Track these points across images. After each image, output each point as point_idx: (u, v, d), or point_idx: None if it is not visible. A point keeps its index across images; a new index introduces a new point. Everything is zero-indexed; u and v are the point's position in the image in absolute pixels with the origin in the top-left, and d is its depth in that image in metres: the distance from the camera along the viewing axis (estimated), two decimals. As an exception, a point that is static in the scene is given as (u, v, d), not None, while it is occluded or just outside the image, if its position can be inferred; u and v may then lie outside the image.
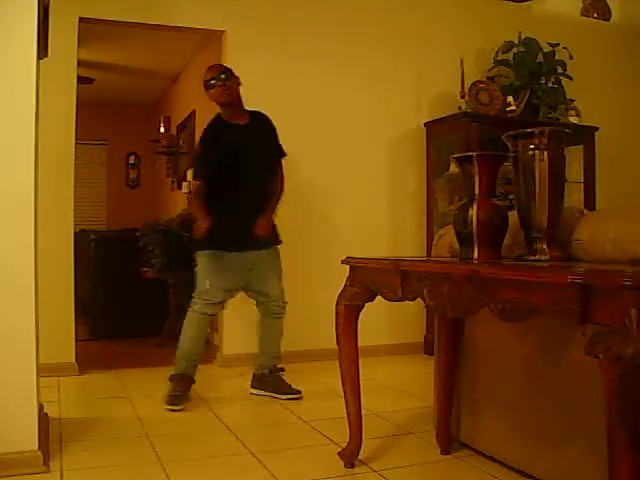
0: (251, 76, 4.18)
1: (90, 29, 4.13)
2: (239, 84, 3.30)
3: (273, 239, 3.33)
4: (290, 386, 3.32)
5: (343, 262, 2.30)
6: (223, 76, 3.23)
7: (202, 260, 3.23)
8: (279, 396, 3.29)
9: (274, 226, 3.33)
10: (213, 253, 3.19)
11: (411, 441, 2.61)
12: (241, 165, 3.22)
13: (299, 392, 3.31)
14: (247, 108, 3.35)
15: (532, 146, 1.87)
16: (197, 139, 3.36)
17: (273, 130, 3.39)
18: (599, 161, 4.77)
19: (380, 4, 4.54)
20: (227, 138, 3.26)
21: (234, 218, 3.18)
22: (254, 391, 3.40)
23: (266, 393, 3.34)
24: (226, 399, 3.39)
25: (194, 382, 3.26)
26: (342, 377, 2.32)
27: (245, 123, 3.33)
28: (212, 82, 3.23)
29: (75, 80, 3.91)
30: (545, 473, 2.04)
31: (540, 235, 1.88)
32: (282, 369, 3.39)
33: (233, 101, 3.27)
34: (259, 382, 3.39)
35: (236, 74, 3.31)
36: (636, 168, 5.11)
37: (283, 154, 3.39)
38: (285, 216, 3.53)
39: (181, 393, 3.15)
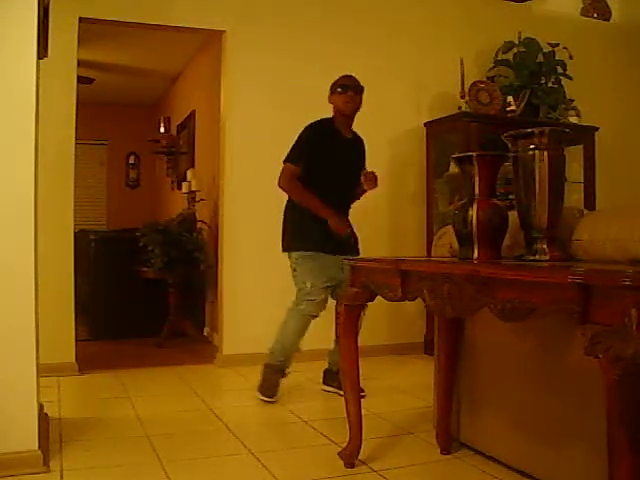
0: (251, 76, 4.21)
1: (90, 29, 4.13)
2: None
3: (355, 245, 3.43)
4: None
5: (343, 262, 2.30)
6: (361, 88, 3.36)
7: (300, 261, 3.26)
8: (342, 393, 3.26)
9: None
10: (307, 254, 3.25)
11: (411, 441, 2.61)
12: (336, 175, 3.30)
13: (362, 390, 3.26)
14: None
15: (532, 146, 1.87)
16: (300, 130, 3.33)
17: (364, 156, 3.53)
18: (599, 161, 4.77)
19: (380, 4, 4.54)
20: (334, 145, 3.33)
21: (325, 223, 3.22)
22: (324, 387, 3.45)
23: (333, 390, 3.37)
24: (226, 399, 3.39)
25: (285, 375, 3.28)
26: (342, 377, 2.32)
27: (349, 138, 3.43)
28: (347, 88, 3.30)
29: (75, 80, 3.91)
30: (545, 473, 2.04)
31: (540, 235, 1.88)
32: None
33: (352, 115, 3.39)
34: (328, 378, 3.44)
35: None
36: (636, 168, 5.11)
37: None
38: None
39: (277, 385, 3.21)
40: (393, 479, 2.19)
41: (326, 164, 3.26)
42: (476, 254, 1.95)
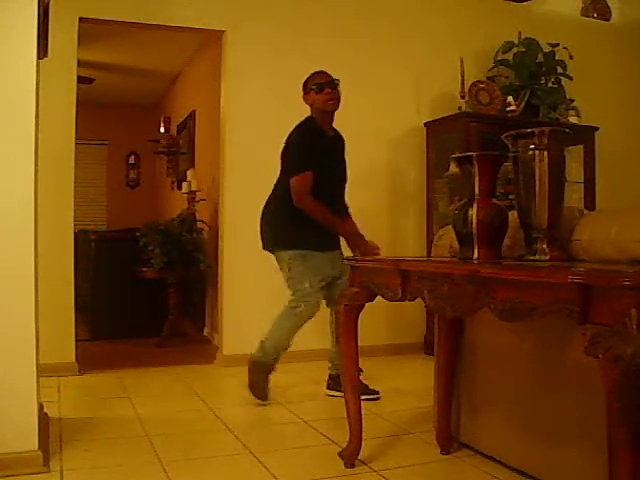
0: (251, 76, 4.21)
1: (90, 29, 4.13)
2: None
3: (339, 241, 3.39)
4: (367, 386, 3.23)
5: (344, 262, 2.30)
6: (337, 82, 3.26)
7: (295, 261, 3.20)
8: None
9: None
10: (300, 253, 3.20)
11: (411, 441, 2.61)
12: (331, 176, 3.27)
13: (377, 392, 3.24)
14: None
15: (532, 146, 1.87)
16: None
17: (344, 154, 3.46)
18: (599, 161, 4.77)
19: (380, 5, 4.54)
20: (324, 146, 3.28)
21: (315, 221, 3.18)
22: (331, 392, 3.33)
23: (339, 394, 3.21)
24: (226, 399, 3.39)
25: (272, 372, 3.22)
26: (342, 377, 2.32)
27: (332, 135, 3.39)
28: (323, 86, 3.23)
29: (75, 80, 3.91)
30: (545, 473, 2.04)
31: (540, 235, 1.88)
32: (361, 369, 3.36)
33: (334, 111, 3.31)
34: (335, 382, 3.30)
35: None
36: (636, 168, 5.11)
37: (346, 180, 3.45)
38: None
39: (267, 386, 3.17)
40: (393, 479, 2.19)
41: (323, 167, 3.20)
42: (476, 254, 1.95)
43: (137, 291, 5.03)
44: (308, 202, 3.13)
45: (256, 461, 2.36)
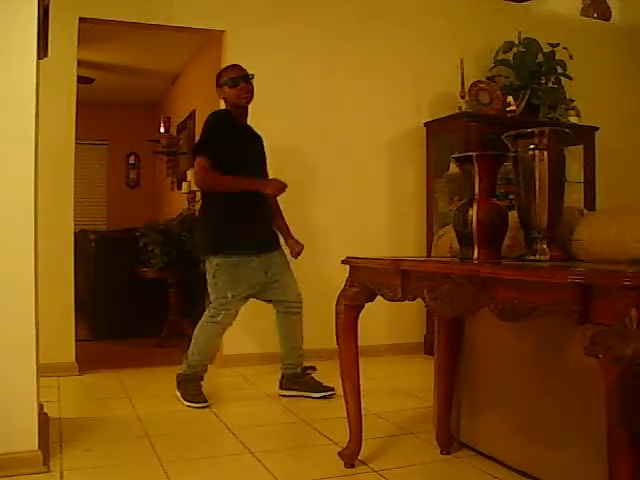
0: (251, 76, 4.21)
1: (90, 29, 4.13)
2: None
3: (278, 240, 3.38)
4: (322, 384, 3.26)
5: (343, 262, 2.30)
6: (251, 76, 3.23)
7: (220, 269, 3.12)
8: (312, 395, 3.24)
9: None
10: (231, 260, 3.11)
11: (411, 441, 2.61)
12: (249, 165, 3.20)
13: (332, 389, 3.24)
14: None
15: (532, 146, 1.87)
16: (198, 131, 3.24)
17: (264, 151, 3.41)
18: (599, 161, 4.77)
19: (380, 5, 4.54)
20: (240, 136, 3.23)
21: (251, 220, 3.13)
22: (284, 392, 3.33)
23: (298, 393, 3.28)
24: (226, 399, 3.39)
25: (203, 379, 3.25)
26: (342, 377, 2.32)
27: (249, 128, 3.34)
28: (238, 80, 3.18)
29: (75, 80, 3.91)
30: (545, 473, 2.04)
31: (540, 235, 1.88)
32: (314, 367, 3.37)
33: (247, 104, 3.27)
34: (290, 382, 3.32)
35: (223, 70, 3.33)
36: (636, 168, 5.11)
37: (267, 176, 3.39)
38: (284, 216, 3.53)
39: (200, 392, 3.17)
40: (393, 479, 2.19)
41: (236, 156, 3.13)
42: (476, 254, 1.95)
43: (137, 291, 5.03)
44: (209, 177, 3.05)
45: (256, 461, 2.36)
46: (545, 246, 1.87)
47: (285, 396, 3.32)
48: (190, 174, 5.72)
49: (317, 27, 4.37)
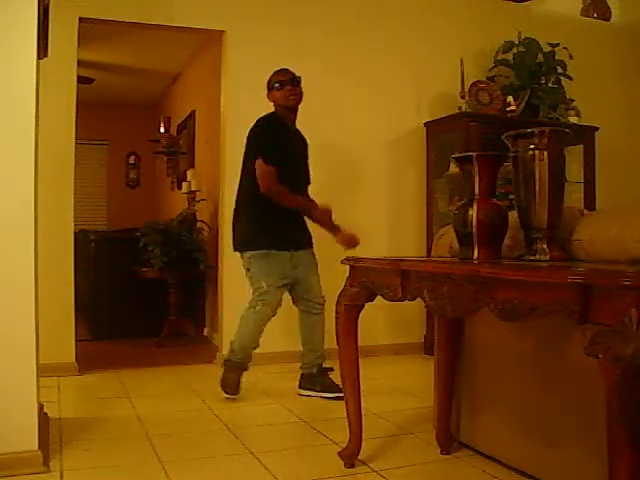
0: (251, 76, 4.20)
1: (90, 29, 4.13)
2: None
3: (310, 240, 3.45)
4: (338, 385, 3.23)
5: (343, 262, 2.30)
6: (298, 80, 3.34)
7: (252, 261, 3.26)
8: (326, 395, 3.28)
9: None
10: (264, 253, 3.24)
11: (411, 441, 2.61)
12: (294, 168, 3.32)
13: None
14: None
15: (532, 146, 1.87)
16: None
17: (308, 155, 3.52)
18: (599, 161, 4.77)
19: (380, 5, 4.54)
20: (289, 139, 3.33)
21: (284, 218, 3.26)
22: (303, 392, 3.38)
23: (314, 393, 3.33)
24: (226, 399, 3.38)
25: (246, 369, 3.32)
26: (342, 377, 2.32)
27: (297, 131, 3.44)
28: (285, 83, 3.30)
29: (75, 80, 3.91)
30: (545, 473, 2.04)
31: (540, 235, 1.88)
32: (331, 368, 3.38)
33: (296, 107, 3.37)
34: (307, 382, 3.38)
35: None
36: (636, 168, 5.11)
37: (310, 182, 3.51)
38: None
39: (238, 382, 3.24)
40: (393, 479, 2.19)
41: (287, 160, 3.23)
42: (476, 254, 1.95)
43: (137, 291, 5.03)
44: (279, 189, 3.18)
45: (256, 461, 2.36)
46: (545, 246, 1.87)
47: (303, 395, 3.37)
48: (190, 174, 5.72)
49: (317, 27, 4.37)
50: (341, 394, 3.18)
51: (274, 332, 3.44)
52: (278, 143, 3.23)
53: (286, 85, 3.30)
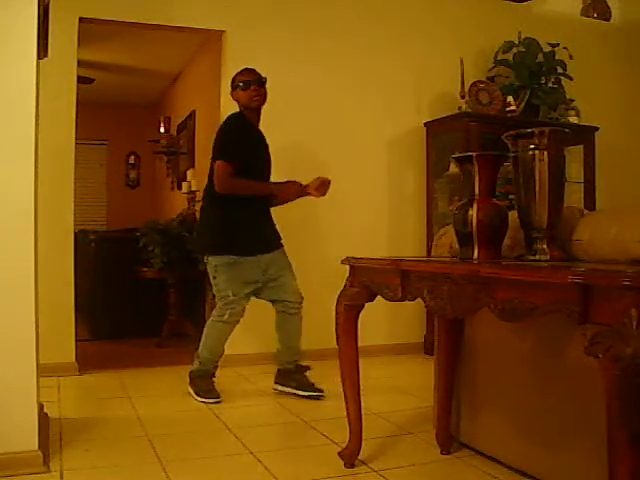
0: (251, 76, 4.20)
1: (90, 29, 4.13)
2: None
3: (279, 240, 3.41)
4: (313, 384, 3.31)
5: (343, 262, 2.30)
6: (264, 80, 3.31)
7: (220, 269, 3.22)
8: (301, 393, 3.29)
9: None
10: (229, 260, 3.20)
11: (411, 441, 2.61)
12: (259, 170, 3.30)
13: (321, 391, 3.28)
14: None
15: (532, 146, 1.87)
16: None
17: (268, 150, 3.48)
18: (599, 161, 4.77)
19: (380, 5, 4.54)
20: (254, 139, 3.32)
21: (251, 221, 3.24)
22: (278, 387, 3.41)
23: (289, 390, 3.35)
24: (226, 399, 3.39)
25: (214, 376, 3.34)
26: (342, 377, 2.32)
27: (260, 132, 3.40)
28: (250, 83, 3.27)
29: (75, 80, 3.91)
30: (545, 473, 2.04)
31: (540, 235, 1.88)
32: (308, 367, 3.40)
33: (260, 108, 3.35)
34: (283, 378, 3.40)
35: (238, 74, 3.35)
36: (636, 168, 5.10)
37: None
38: (284, 216, 3.54)
39: (213, 388, 3.26)
40: (393, 479, 2.19)
41: (251, 159, 3.23)
42: (476, 254, 1.95)
43: (137, 291, 5.03)
44: (232, 183, 3.14)
45: (256, 461, 2.36)
46: (545, 246, 1.87)
47: (277, 390, 3.40)
48: (190, 174, 5.72)
49: (317, 27, 4.36)
50: (315, 393, 3.25)
51: (273, 332, 3.43)
52: (239, 143, 3.20)
53: (251, 85, 3.27)
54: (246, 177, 3.17)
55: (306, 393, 3.27)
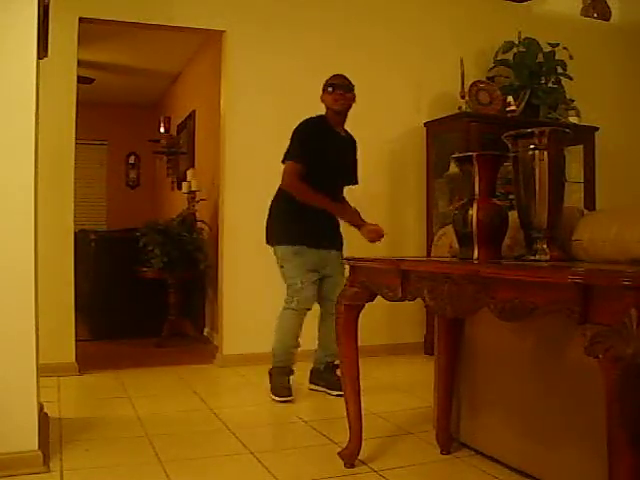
0: (251, 76, 4.21)
1: (90, 29, 4.13)
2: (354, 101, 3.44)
3: (341, 242, 3.49)
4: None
5: (343, 262, 2.30)
6: (351, 86, 3.40)
7: (284, 258, 3.32)
8: (330, 392, 3.34)
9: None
10: (291, 249, 3.30)
11: (411, 441, 2.61)
12: (331, 171, 3.35)
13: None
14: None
15: (532, 146, 1.87)
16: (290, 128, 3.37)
17: (355, 156, 3.55)
18: (599, 161, 4.77)
19: (380, 5, 4.54)
20: (329, 141, 3.37)
21: (317, 217, 3.30)
22: (310, 386, 3.48)
23: (319, 388, 3.42)
24: (226, 399, 3.39)
25: (293, 373, 3.36)
26: (342, 377, 2.32)
27: (342, 135, 3.47)
28: (336, 87, 3.35)
29: (75, 80, 3.91)
30: (545, 473, 2.04)
31: (540, 235, 1.88)
32: (336, 365, 3.41)
33: (345, 112, 3.42)
34: (314, 377, 3.48)
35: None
36: (636, 168, 5.11)
37: (356, 182, 3.57)
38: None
39: (287, 385, 3.27)
40: (393, 479, 2.19)
41: (322, 161, 3.28)
42: (476, 254, 1.95)
43: (137, 291, 5.03)
44: (296, 185, 3.24)
45: (256, 461, 2.36)
46: (545, 246, 1.87)
47: (311, 389, 3.46)
48: (190, 174, 5.71)
49: (317, 27, 4.36)
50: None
51: (272, 332, 3.43)
52: (311, 145, 3.28)
53: (337, 89, 3.36)
54: (311, 178, 3.23)
55: (335, 392, 3.28)
